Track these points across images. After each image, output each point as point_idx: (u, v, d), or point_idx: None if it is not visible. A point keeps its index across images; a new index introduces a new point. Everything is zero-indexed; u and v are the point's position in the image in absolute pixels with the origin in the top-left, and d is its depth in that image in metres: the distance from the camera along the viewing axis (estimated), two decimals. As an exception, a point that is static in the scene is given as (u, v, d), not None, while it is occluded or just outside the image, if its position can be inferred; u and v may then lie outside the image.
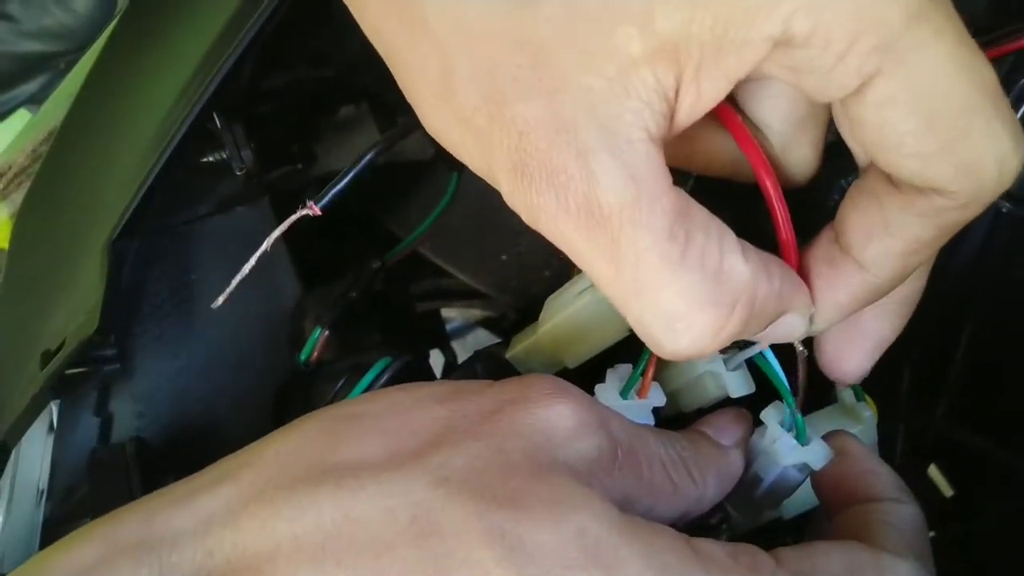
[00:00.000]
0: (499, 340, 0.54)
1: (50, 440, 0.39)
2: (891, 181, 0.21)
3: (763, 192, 0.22)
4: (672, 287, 0.20)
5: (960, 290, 0.38)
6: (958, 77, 0.18)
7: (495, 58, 0.19)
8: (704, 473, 0.25)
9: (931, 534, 0.44)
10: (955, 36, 0.18)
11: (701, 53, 0.19)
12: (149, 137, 0.37)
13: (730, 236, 0.21)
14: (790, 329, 0.23)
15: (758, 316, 0.21)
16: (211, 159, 0.40)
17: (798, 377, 0.26)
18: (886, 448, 0.32)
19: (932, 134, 0.19)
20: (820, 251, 0.23)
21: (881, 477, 0.26)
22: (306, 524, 0.20)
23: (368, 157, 0.32)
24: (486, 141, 0.20)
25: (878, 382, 0.31)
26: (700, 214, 0.21)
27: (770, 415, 0.27)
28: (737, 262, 0.21)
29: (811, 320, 0.23)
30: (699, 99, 0.19)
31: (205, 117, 0.35)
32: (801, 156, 0.24)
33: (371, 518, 0.20)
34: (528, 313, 0.59)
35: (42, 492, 0.38)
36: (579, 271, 0.30)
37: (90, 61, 0.47)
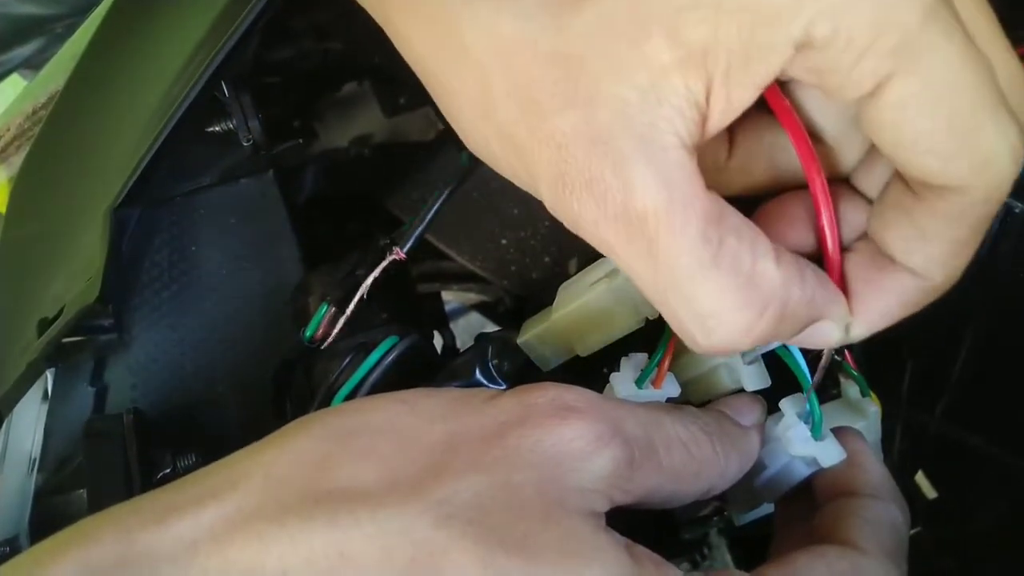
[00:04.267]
0: (498, 327, 0.54)
1: (44, 409, 0.38)
2: (912, 191, 0.21)
3: (810, 187, 0.22)
4: (705, 288, 0.20)
5: (966, 289, 0.38)
6: (968, 75, 0.19)
7: (531, 73, 0.20)
8: (725, 447, 0.25)
9: (916, 530, 0.45)
10: (962, 34, 0.19)
11: (728, 59, 0.19)
12: (155, 104, 0.36)
13: (763, 240, 0.21)
14: (824, 336, 0.23)
15: (789, 320, 0.22)
16: (217, 129, 0.39)
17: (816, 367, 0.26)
18: (884, 445, 0.32)
19: (947, 131, 0.19)
20: (863, 259, 0.23)
21: (867, 473, 0.27)
22: (297, 560, 0.20)
23: (443, 197, 0.33)
24: (526, 154, 0.21)
25: (879, 379, 0.31)
26: (734, 217, 0.21)
27: (788, 404, 0.27)
28: (769, 267, 0.21)
29: (848, 328, 0.23)
30: (729, 104, 0.20)
31: (213, 85, 0.34)
32: (853, 157, 0.24)
33: (366, 557, 0.20)
34: (525, 299, 0.59)
35: (34, 461, 0.38)
36: (580, 261, 0.30)
37: (93, 24, 0.46)
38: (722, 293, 0.20)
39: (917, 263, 0.22)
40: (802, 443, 0.26)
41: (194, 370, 0.39)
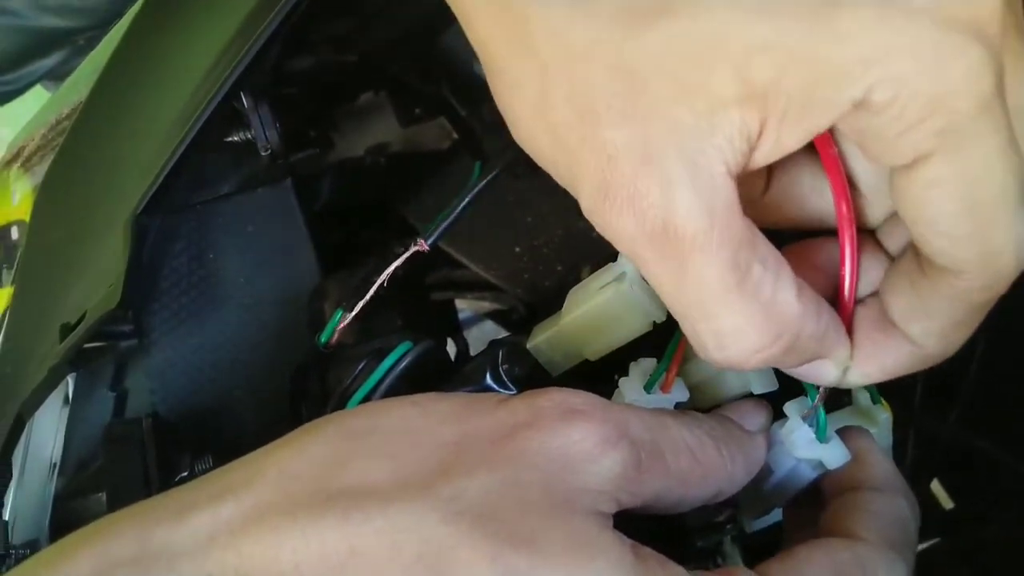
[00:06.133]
0: (508, 334, 0.54)
1: (64, 413, 0.39)
2: (920, 265, 0.22)
3: (839, 240, 0.23)
4: (727, 309, 0.21)
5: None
6: (1000, 171, 0.19)
7: (594, 82, 0.21)
8: (732, 451, 0.25)
9: (933, 541, 0.45)
10: (1008, 130, 0.19)
11: (787, 105, 0.19)
12: (175, 114, 0.37)
13: (787, 272, 0.22)
14: (822, 374, 0.24)
15: (797, 351, 0.22)
16: (236, 138, 0.40)
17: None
18: (896, 453, 0.32)
19: (966, 218, 0.20)
20: (871, 314, 0.24)
21: (872, 467, 0.27)
22: (310, 555, 0.20)
23: (473, 193, 0.33)
24: (574, 158, 0.21)
25: (892, 387, 0.31)
26: (763, 246, 0.22)
27: (793, 408, 0.27)
28: (789, 298, 0.22)
29: (846, 373, 0.24)
30: (778, 145, 0.20)
31: (233, 95, 0.35)
32: (883, 211, 0.24)
33: (376, 553, 0.20)
34: (538, 307, 0.59)
35: (55, 465, 0.39)
36: (593, 269, 0.31)
37: (116, 36, 0.47)
38: (742, 315, 0.21)
39: (915, 333, 0.23)
40: (806, 446, 0.27)
41: (212, 375, 0.39)
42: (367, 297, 0.32)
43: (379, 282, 0.32)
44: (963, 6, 0.18)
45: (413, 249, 0.32)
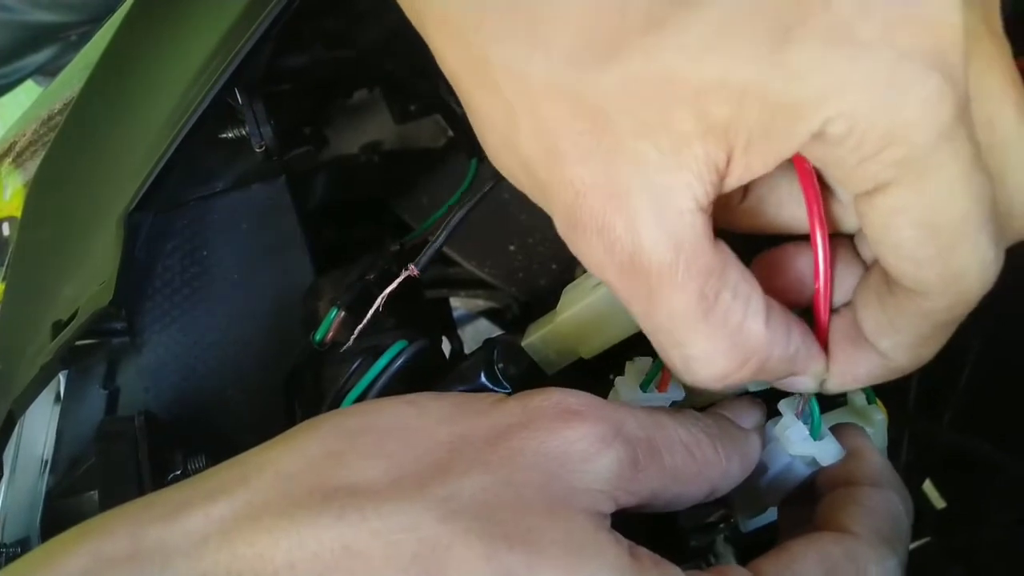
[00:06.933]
0: (502, 332, 0.54)
1: (56, 411, 0.39)
2: (887, 283, 0.22)
3: (814, 255, 0.23)
4: (694, 337, 0.22)
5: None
6: (962, 197, 0.19)
7: (556, 119, 0.21)
8: (727, 448, 0.26)
9: (925, 540, 0.45)
10: (970, 153, 0.19)
11: (749, 137, 0.20)
12: (169, 110, 0.37)
13: (757, 298, 0.22)
14: (800, 386, 0.25)
15: (768, 372, 0.23)
16: (229, 135, 0.40)
17: None
18: (891, 453, 0.32)
19: (928, 243, 0.20)
20: (844, 325, 0.24)
21: (866, 462, 0.27)
22: (304, 554, 0.20)
23: (459, 216, 0.34)
24: (546, 189, 0.22)
25: (886, 387, 0.31)
26: (734, 272, 0.22)
27: (787, 405, 0.27)
28: (757, 325, 0.22)
29: (823, 383, 0.25)
30: (748, 170, 0.21)
31: (226, 91, 0.34)
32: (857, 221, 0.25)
33: (372, 552, 0.20)
34: (532, 305, 0.59)
35: (46, 463, 0.38)
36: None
37: (109, 32, 0.46)
38: (710, 343, 0.22)
39: (884, 347, 0.23)
40: (800, 443, 0.27)
41: (205, 373, 0.39)
42: (365, 320, 0.32)
43: (376, 306, 0.32)
44: (920, 36, 0.18)
45: (405, 275, 0.32)
